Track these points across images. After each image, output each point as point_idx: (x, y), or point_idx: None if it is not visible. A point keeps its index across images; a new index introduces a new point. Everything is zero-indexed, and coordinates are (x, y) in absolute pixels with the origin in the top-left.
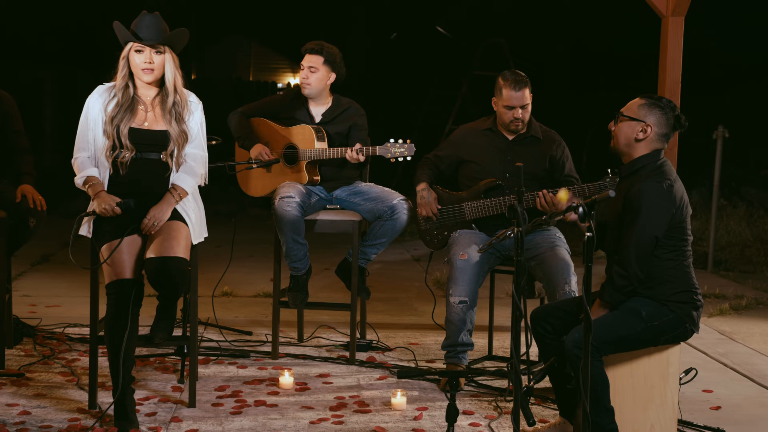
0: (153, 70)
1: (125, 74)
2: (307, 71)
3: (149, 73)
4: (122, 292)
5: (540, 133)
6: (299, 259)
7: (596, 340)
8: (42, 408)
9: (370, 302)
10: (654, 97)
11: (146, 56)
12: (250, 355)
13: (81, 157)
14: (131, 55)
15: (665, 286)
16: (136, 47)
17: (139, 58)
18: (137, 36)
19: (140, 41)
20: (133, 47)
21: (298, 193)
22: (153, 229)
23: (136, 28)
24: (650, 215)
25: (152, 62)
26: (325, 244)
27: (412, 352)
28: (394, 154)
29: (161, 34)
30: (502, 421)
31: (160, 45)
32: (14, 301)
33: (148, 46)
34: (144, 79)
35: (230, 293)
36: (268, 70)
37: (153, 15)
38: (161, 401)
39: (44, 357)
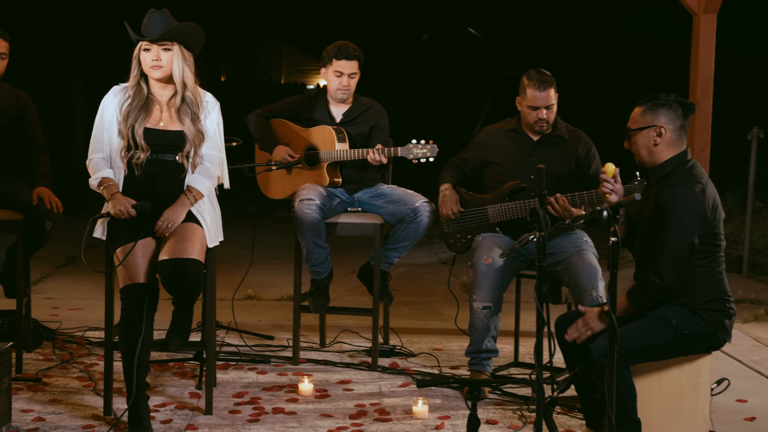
0: (161, 66)
1: (137, 74)
2: (348, 78)
3: (157, 70)
4: (136, 297)
5: (566, 133)
6: (320, 262)
7: (623, 348)
8: (57, 414)
9: (394, 306)
10: (651, 97)
11: (154, 53)
12: (271, 360)
13: (96, 158)
14: (141, 55)
15: (697, 293)
16: (145, 46)
17: (147, 57)
18: (142, 34)
19: (144, 38)
20: (142, 46)
21: (319, 195)
22: (167, 231)
23: (144, 27)
24: (685, 221)
25: (159, 59)
26: (350, 247)
27: (435, 358)
28: (416, 155)
29: (165, 29)
30: (526, 431)
31: (167, 41)
32: (37, 304)
33: (155, 44)
34: (153, 76)
35: (254, 296)
36: (299, 72)
37: (160, 12)
38: (178, 408)
39: (63, 361)
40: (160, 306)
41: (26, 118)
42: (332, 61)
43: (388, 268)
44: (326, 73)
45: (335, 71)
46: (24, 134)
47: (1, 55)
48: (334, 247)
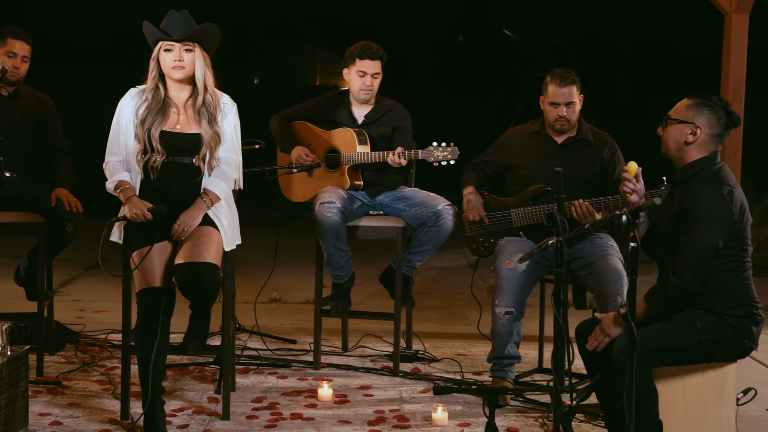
0: (183, 67)
1: (155, 75)
2: (371, 78)
3: (179, 70)
4: (152, 301)
5: (591, 136)
6: (341, 266)
7: (645, 348)
8: (74, 418)
9: (419, 310)
10: (702, 95)
11: (176, 54)
12: (292, 364)
13: (112, 161)
14: (161, 55)
15: (723, 298)
16: (166, 46)
17: (168, 57)
18: (166, 34)
19: (169, 38)
20: (163, 46)
21: (339, 198)
22: (183, 234)
23: (165, 27)
24: (709, 223)
25: (182, 59)
26: (377, 250)
27: (458, 363)
28: (437, 157)
29: (189, 30)
30: None
31: (189, 42)
32: (63, 306)
33: (177, 44)
34: (175, 77)
35: (279, 299)
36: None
37: (181, 13)
38: (195, 413)
39: (84, 364)
40: (180, 309)
41: (47, 121)
42: (355, 60)
43: (411, 272)
44: (349, 74)
45: (358, 71)
46: (45, 137)
47: (24, 58)
48: (360, 250)
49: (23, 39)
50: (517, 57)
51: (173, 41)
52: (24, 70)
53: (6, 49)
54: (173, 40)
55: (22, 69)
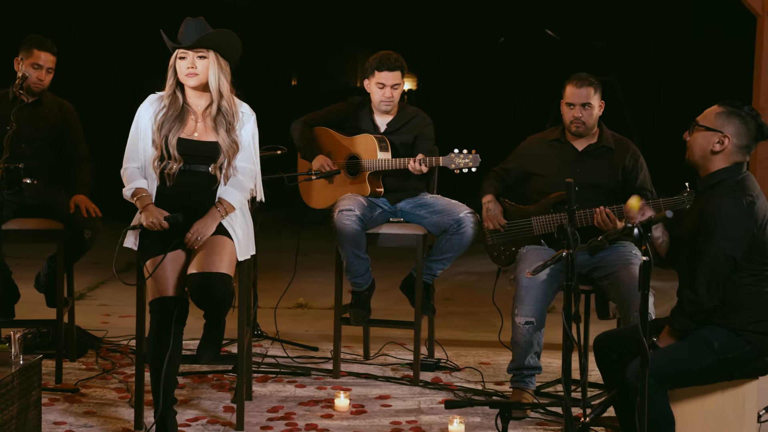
0: (197, 74)
1: (173, 83)
2: (391, 90)
3: (192, 77)
4: (165, 310)
5: (612, 143)
6: (360, 274)
7: (659, 372)
8: (88, 427)
9: (445, 317)
10: (734, 104)
11: (189, 61)
12: (311, 373)
13: (130, 167)
14: (176, 63)
15: (743, 314)
16: (180, 54)
17: (182, 65)
18: (178, 42)
19: (180, 46)
20: (178, 54)
21: (359, 205)
22: (196, 243)
23: (180, 35)
24: (728, 235)
25: (195, 66)
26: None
27: (480, 373)
28: (458, 165)
29: (200, 36)
30: None
31: (202, 49)
32: (90, 311)
33: (190, 51)
34: (188, 84)
35: (305, 305)
36: None
37: (196, 20)
38: (210, 422)
39: (104, 371)
40: (198, 314)
41: (69, 128)
42: (374, 72)
43: (432, 281)
44: (369, 85)
45: (377, 83)
46: (66, 144)
47: (48, 69)
48: (387, 256)
49: (49, 50)
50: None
51: (185, 48)
52: (48, 81)
53: (31, 60)
54: (184, 47)
55: (46, 80)
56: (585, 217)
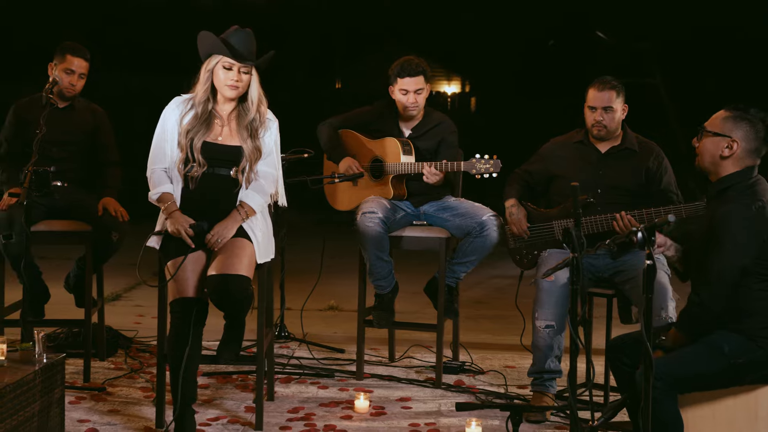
0: (238, 87)
1: (207, 88)
2: (414, 95)
3: (234, 90)
4: (185, 311)
5: (636, 145)
6: (383, 276)
7: (669, 376)
8: (111, 425)
9: (476, 320)
10: (741, 107)
11: (234, 74)
12: (335, 374)
13: (157, 170)
14: (217, 69)
15: (754, 318)
16: (226, 63)
17: (225, 74)
18: (232, 48)
19: (236, 58)
20: (222, 62)
21: (382, 208)
22: (217, 245)
23: (232, 43)
24: (736, 242)
25: (240, 80)
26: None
27: (503, 376)
28: (479, 170)
29: (253, 54)
30: None
31: (249, 64)
32: (125, 311)
33: (237, 63)
34: (227, 95)
35: (336, 307)
36: None
37: (246, 32)
38: (230, 422)
39: (132, 371)
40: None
41: (100, 133)
42: (396, 79)
43: (455, 284)
44: (393, 92)
45: (400, 89)
46: (97, 149)
47: (81, 75)
48: (416, 258)
49: (82, 56)
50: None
51: (237, 62)
52: (80, 86)
53: (65, 66)
54: (241, 61)
55: (78, 85)
56: (607, 221)
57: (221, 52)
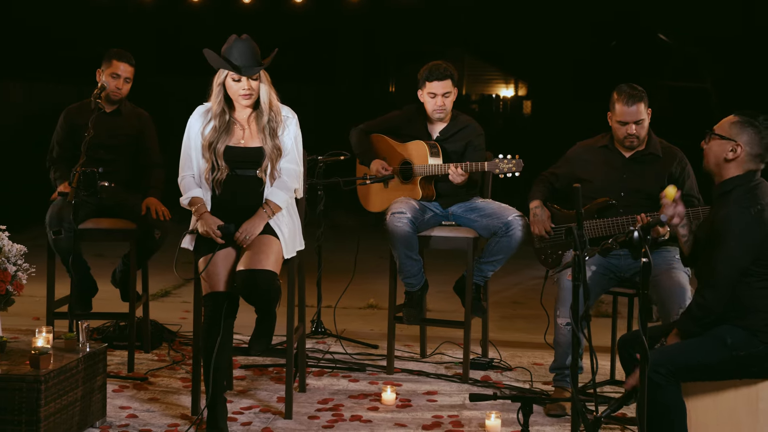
0: (251, 95)
1: (221, 100)
2: (442, 99)
3: (248, 98)
4: (216, 305)
5: (660, 150)
6: (413, 275)
7: (673, 364)
8: (150, 412)
9: (510, 320)
10: (749, 114)
11: (244, 83)
12: (366, 369)
13: (186, 176)
14: (228, 82)
15: (757, 315)
16: (234, 76)
17: (236, 86)
18: (235, 66)
19: (239, 72)
20: (230, 75)
21: (410, 209)
22: (245, 242)
23: (229, 55)
24: (735, 244)
25: (251, 88)
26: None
27: (530, 372)
28: (502, 169)
29: (256, 60)
30: None
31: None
32: (174, 307)
33: None
34: (243, 104)
35: (375, 306)
36: (482, 82)
37: (246, 41)
38: (262, 411)
39: (174, 362)
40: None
41: (144, 136)
42: (425, 83)
43: (483, 282)
44: (422, 95)
45: (429, 93)
46: (142, 151)
47: (126, 79)
48: (450, 256)
49: (127, 61)
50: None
51: (248, 77)
52: (126, 90)
53: (111, 70)
54: (247, 74)
55: (124, 89)
56: (628, 222)
57: (224, 68)
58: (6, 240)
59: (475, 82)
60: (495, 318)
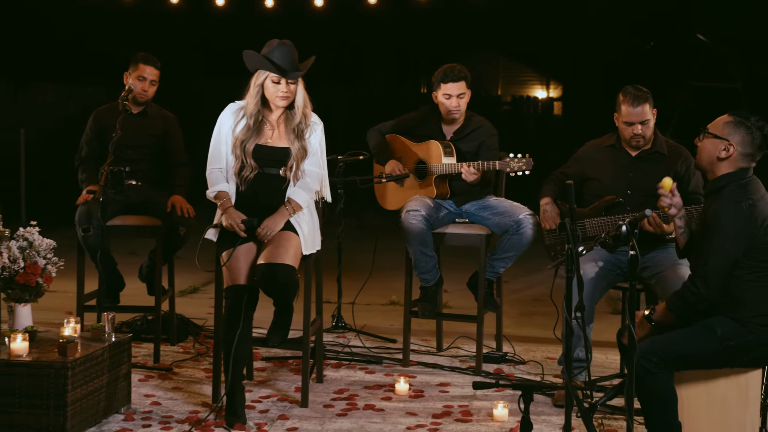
0: (289, 98)
1: (258, 101)
2: (457, 99)
3: (285, 100)
4: (236, 297)
5: (665, 149)
6: (428, 270)
7: (665, 353)
8: (173, 400)
9: (529, 316)
10: (742, 114)
11: (283, 86)
12: (383, 361)
13: (214, 170)
14: (267, 83)
15: (746, 306)
16: (274, 78)
17: (275, 88)
18: (280, 68)
19: (284, 75)
20: (270, 77)
21: (425, 206)
22: (266, 237)
23: (272, 58)
24: (726, 237)
25: (289, 91)
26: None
27: (542, 366)
28: (513, 168)
29: (296, 65)
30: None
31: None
32: (202, 302)
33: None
34: (279, 105)
35: (397, 302)
36: (517, 83)
37: (288, 46)
38: (280, 400)
39: (198, 354)
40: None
41: (170, 137)
42: (440, 85)
43: (495, 278)
44: (437, 97)
45: (444, 94)
46: (168, 151)
47: (152, 81)
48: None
49: (153, 64)
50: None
51: (290, 79)
52: (152, 92)
53: (137, 73)
54: (289, 77)
55: (150, 91)
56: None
57: (268, 69)
58: (36, 235)
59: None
60: (513, 315)
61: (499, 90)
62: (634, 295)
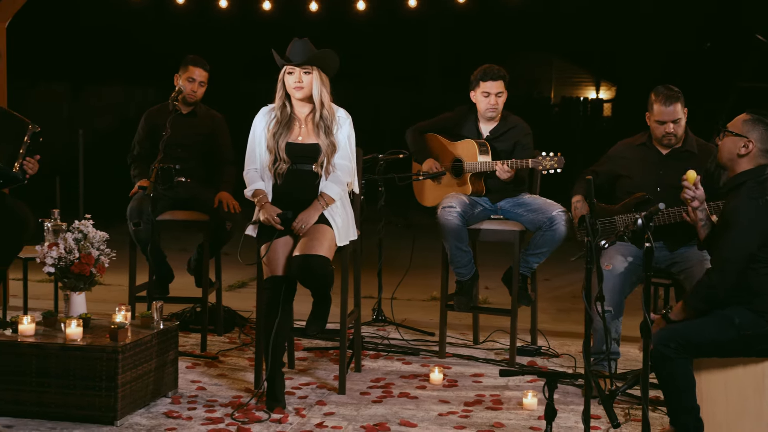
0: (302, 87)
1: (282, 95)
2: (495, 98)
3: (299, 90)
4: (275, 288)
5: (695, 147)
6: (463, 265)
7: (684, 339)
8: (217, 386)
9: (568, 312)
10: (760, 112)
11: (296, 76)
12: (420, 353)
13: (251, 170)
14: (285, 77)
15: (763, 298)
16: (289, 70)
17: (290, 79)
18: (284, 56)
19: (286, 61)
20: (286, 70)
21: (460, 203)
22: (301, 231)
23: (288, 53)
24: (742, 232)
25: (301, 81)
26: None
27: (574, 359)
28: (545, 166)
29: (304, 53)
30: (624, 427)
31: (307, 66)
32: (248, 297)
33: (297, 68)
34: (295, 96)
35: (437, 298)
36: (570, 84)
37: (302, 40)
38: (318, 387)
39: (243, 344)
40: None
41: (217, 136)
42: (479, 83)
43: (529, 273)
44: (475, 95)
45: (483, 92)
46: (215, 149)
47: (201, 83)
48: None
49: (202, 66)
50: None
51: (293, 65)
52: (201, 93)
53: (187, 75)
54: (293, 64)
55: (199, 92)
56: (672, 214)
57: (276, 61)
58: (90, 227)
59: (563, 85)
60: (551, 311)
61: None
62: (649, 287)
